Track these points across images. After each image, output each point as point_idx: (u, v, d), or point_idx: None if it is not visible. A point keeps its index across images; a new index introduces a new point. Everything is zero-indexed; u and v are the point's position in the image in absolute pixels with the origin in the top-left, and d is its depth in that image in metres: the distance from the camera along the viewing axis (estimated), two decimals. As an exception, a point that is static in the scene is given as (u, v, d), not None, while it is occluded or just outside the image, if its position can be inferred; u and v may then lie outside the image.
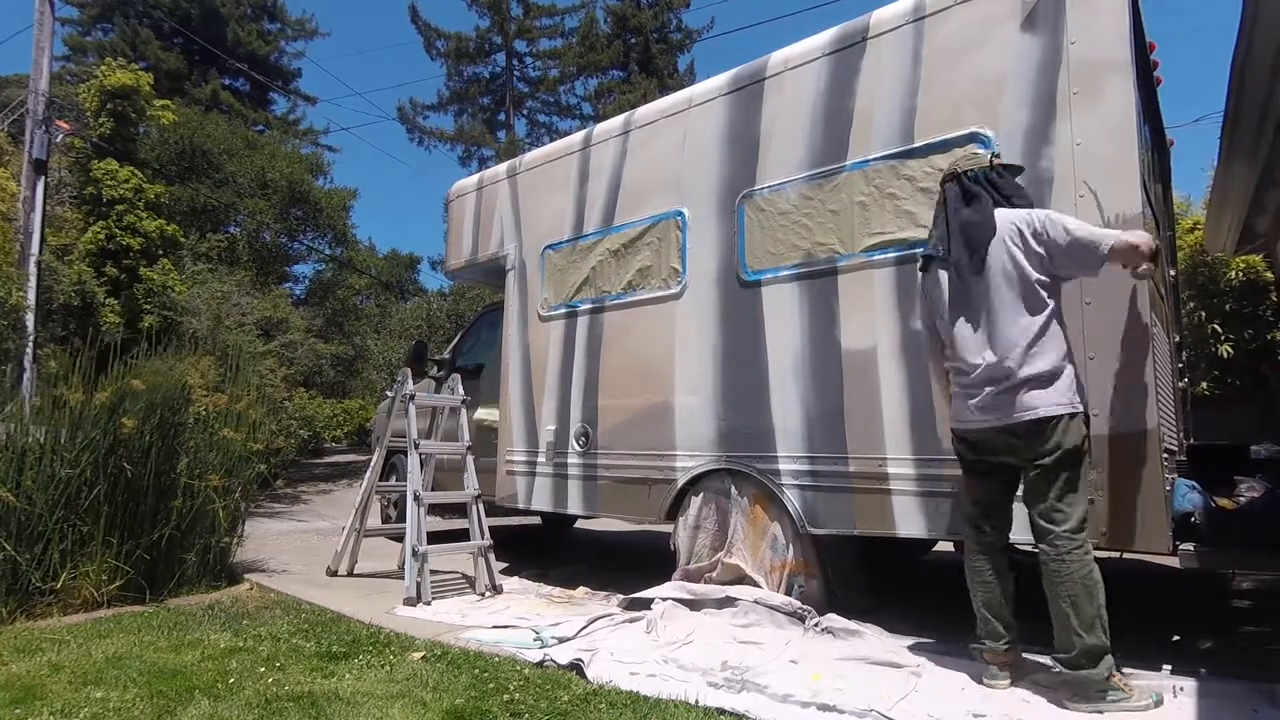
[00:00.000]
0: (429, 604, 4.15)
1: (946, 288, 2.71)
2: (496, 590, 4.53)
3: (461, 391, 5.18)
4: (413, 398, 4.80)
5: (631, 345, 4.42)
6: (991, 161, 2.73)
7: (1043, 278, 2.53)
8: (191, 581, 4.58)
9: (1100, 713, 2.35)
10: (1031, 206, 2.69)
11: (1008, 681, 2.60)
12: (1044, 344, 2.49)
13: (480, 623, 3.76)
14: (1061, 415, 2.45)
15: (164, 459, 4.45)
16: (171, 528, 4.42)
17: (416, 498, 4.47)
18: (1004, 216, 2.61)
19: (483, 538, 4.65)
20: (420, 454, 4.63)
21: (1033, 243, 2.53)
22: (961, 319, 2.65)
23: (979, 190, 2.67)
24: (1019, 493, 2.70)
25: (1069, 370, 2.51)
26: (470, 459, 4.91)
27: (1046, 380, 2.46)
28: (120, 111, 10.96)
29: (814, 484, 3.54)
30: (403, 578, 4.33)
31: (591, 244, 4.72)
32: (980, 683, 2.63)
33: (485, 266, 5.60)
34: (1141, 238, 2.46)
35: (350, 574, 5.06)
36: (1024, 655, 2.72)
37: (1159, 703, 2.41)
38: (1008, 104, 3.11)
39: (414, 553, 4.28)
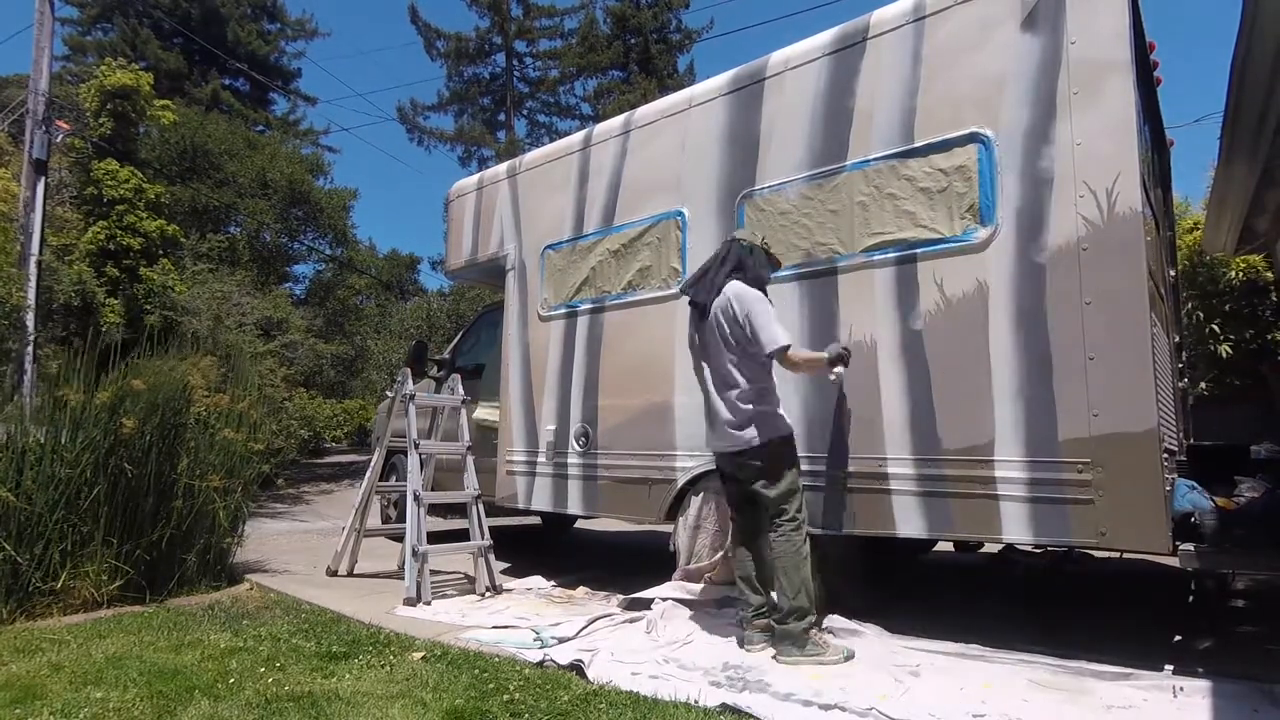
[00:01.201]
0: (429, 604, 4.15)
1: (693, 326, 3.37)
2: (496, 590, 4.53)
3: (461, 391, 5.19)
4: (413, 398, 4.80)
5: (632, 345, 4.42)
6: (762, 243, 3.39)
7: (743, 344, 3.14)
8: (192, 582, 4.58)
9: (800, 661, 2.91)
10: (765, 291, 3.27)
11: (764, 646, 3.10)
12: (751, 389, 3.12)
13: (480, 623, 3.76)
14: (767, 441, 3.09)
15: (164, 459, 4.45)
16: (172, 528, 4.42)
17: (416, 498, 4.47)
18: (732, 289, 3.19)
19: (483, 538, 4.65)
20: (420, 454, 4.63)
21: (737, 322, 3.13)
22: (704, 359, 3.30)
23: (738, 259, 3.28)
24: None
25: (772, 408, 3.16)
26: (470, 459, 4.91)
27: (754, 417, 3.11)
28: (120, 111, 10.94)
29: (813, 484, 3.53)
30: (403, 578, 4.33)
31: (591, 244, 4.72)
32: (742, 647, 3.11)
33: (485, 266, 5.60)
34: (812, 357, 3.23)
35: (350, 574, 5.06)
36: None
37: (849, 658, 2.95)
38: (1008, 104, 3.10)
39: (414, 553, 4.28)
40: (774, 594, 3.16)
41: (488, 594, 4.47)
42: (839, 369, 3.30)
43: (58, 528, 4.03)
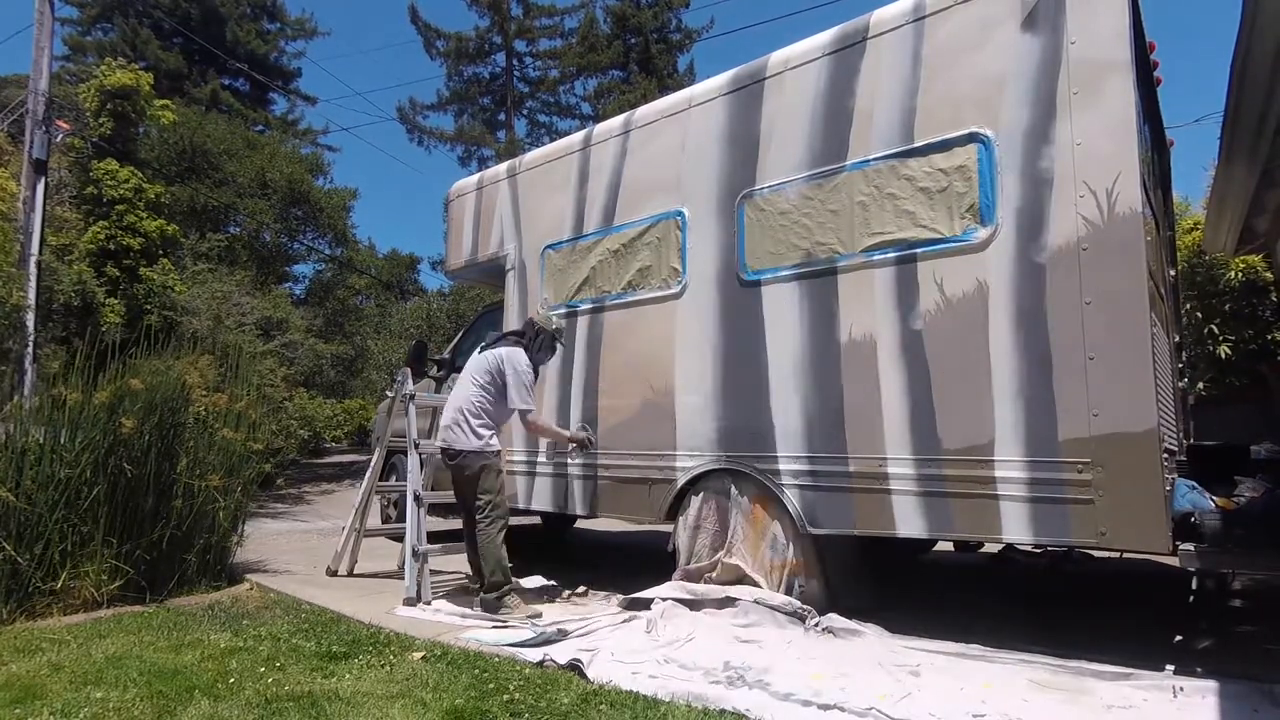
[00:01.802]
0: (429, 604, 4.15)
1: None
2: (496, 590, 4.52)
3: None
4: (412, 398, 4.80)
5: (632, 345, 4.42)
6: (554, 326, 4.40)
7: (494, 389, 4.16)
8: (192, 581, 4.58)
9: (501, 623, 3.70)
10: (545, 362, 4.44)
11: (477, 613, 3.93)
12: (482, 418, 4.13)
13: (480, 623, 3.76)
14: (474, 452, 4.08)
15: (164, 459, 4.45)
16: (172, 528, 4.43)
17: (416, 498, 4.47)
18: (503, 350, 4.19)
19: (483, 538, 4.64)
20: (420, 454, 4.63)
21: (496, 375, 4.16)
22: (457, 391, 4.29)
23: (531, 336, 4.32)
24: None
25: (493, 434, 4.16)
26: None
27: (474, 437, 4.10)
28: (120, 111, 10.94)
29: (814, 484, 3.54)
30: (403, 578, 4.32)
31: (591, 244, 4.72)
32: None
33: (485, 266, 5.60)
34: (554, 431, 4.50)
35: (350, 574, 5.06)
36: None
37: (536, 616, 3.81)
38: (1008, 104, 3.10)
39: (414, 553, 4.28)
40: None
41: (488, 594, 4.46)
42: (575, 447, 4.44)
43: (58, 528, 4.03)
